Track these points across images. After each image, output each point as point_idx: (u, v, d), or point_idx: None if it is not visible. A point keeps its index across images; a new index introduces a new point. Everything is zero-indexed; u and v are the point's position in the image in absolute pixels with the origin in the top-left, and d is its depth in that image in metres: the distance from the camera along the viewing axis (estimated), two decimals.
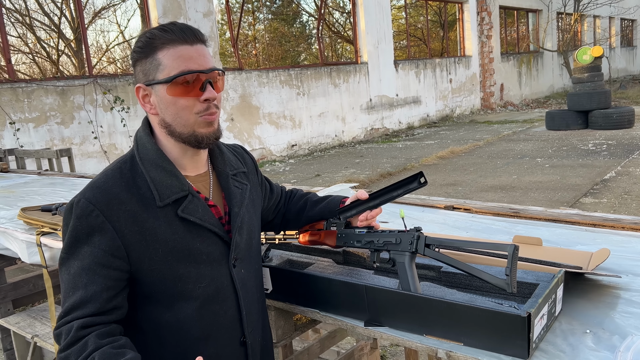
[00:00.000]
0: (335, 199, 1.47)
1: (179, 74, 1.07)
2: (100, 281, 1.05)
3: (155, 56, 1.08)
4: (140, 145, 1.15)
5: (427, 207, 2.26)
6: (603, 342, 1.13)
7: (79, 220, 1.06)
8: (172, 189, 1.12)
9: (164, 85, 1.08)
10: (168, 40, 1.07)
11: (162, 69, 1.08)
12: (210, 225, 1.16)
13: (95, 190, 1.09)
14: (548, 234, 1.81)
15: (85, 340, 1.00)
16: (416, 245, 1.24)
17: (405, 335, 1.23)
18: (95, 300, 1.04)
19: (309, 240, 1.49)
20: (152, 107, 1.13)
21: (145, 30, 1.12)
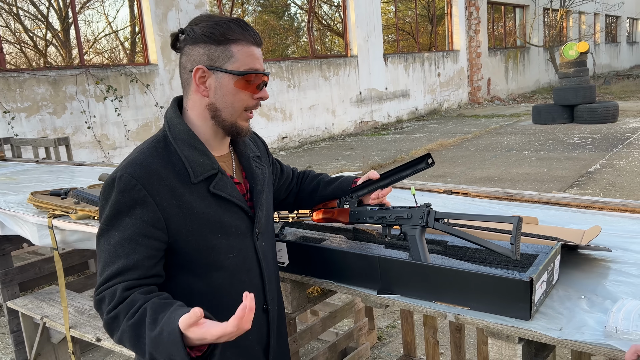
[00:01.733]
0: (347, 179, 1.57)
1: (250, 70, 1.19)
2: (142, 250, 1.13)
3: (229, 47, 1.17)
4: (172, 126, 1.24)
5: (426, 191, 2.36)
6: (597, 306, 1.25)
7: (122, 194, 1.14)
8: (204, 167, 1.21)
9: (232, 76, 1.18)
10: (244, 37, 1.18)
11: (233, 61, 1.17)
12: (238, 201, 1.26)
13: (136, 166, 1.16)
14: (542, 215, 1.93)
15: (132, 297, 1.08)
16: (426, 219, 1.34)
17: (416, 302, 1.34)
18: (137, 268, 1.12)
19: (323, 218, 1.59)
20: (206, 90, 1.20)
21: (219, 19, 1.17)
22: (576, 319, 1.19)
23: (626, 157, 7.58)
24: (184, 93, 1.26)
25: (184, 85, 1.25)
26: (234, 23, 1.18)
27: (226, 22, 1.18)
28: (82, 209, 2.26)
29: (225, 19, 1.19)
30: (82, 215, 2.23)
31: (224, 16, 1.22)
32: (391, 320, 3.46)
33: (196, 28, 1.18)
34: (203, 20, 1.19)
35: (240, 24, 1.18)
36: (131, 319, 1.05)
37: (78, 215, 2.24)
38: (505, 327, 1.19)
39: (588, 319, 1.19)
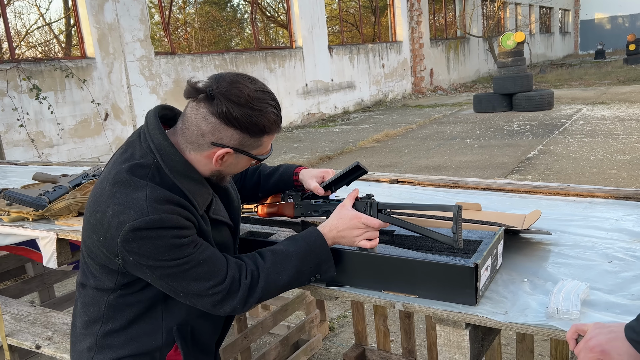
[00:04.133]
0: (288, 170, 1.55)
1: (268, 153, 1.29)
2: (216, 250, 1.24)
3: (262, 139, 1.22)
4: (166, 157, 1.20)
5: (373, 181, 2.37)
6: (538, 288, 1.28)
7: (171, 231, 1.14)
8: (204, 196, 1.24)
9: (251, 158, 1.25)
10: (276, 128, 1.23)
11: (260, 148, 1.24)
12: (228, 220, 1.34)
13: (163, 203, 1.14)
14: (485, 202, 1.97)
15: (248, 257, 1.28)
16: (369, 211, 1.34)
17: (365, 292, 1.33)
18: (229, 258, 1.25)
19: (268, 213, 1.56)
20: (220, 162, 1.22)
21: (258, 104, 1.18)
22: (520, 302, 1.22)
23: (562, 143, 7.91)
24: (185, 141, 1.22)
25: (190, 139, 1.21)
26: (273, 113, 1.20)
27: (266, 112, 1.18)
28: (15, 211, 2.14)
29: (264, 103, 1.18)
30: (15, 217, 2.11)
31: (259, 88, 1.19)
32: (342, 310, 3.48)
33: (234, 109, 1.15)
34: (240, 96, 1.16)
35: (277, 112, 1.21)
36: (266, 259, 1.25)
37: (11, 217, 2.11)
38: (453, 313, 1.21)
39: (531, 301, 1.22)
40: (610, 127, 8.83)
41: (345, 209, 1.34)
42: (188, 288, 1.17)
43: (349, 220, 1.32)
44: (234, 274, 1.21)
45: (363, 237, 1.32)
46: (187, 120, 1.20)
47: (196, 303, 1.20)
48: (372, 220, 1.31)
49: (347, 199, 1.37)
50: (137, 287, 1.22)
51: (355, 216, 1.31)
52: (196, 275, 1.17)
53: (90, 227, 1.18)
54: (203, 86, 1.17)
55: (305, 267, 1.27)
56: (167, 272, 1.15)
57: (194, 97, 1.17)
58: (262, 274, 1.24)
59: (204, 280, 1.18)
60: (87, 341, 1.28)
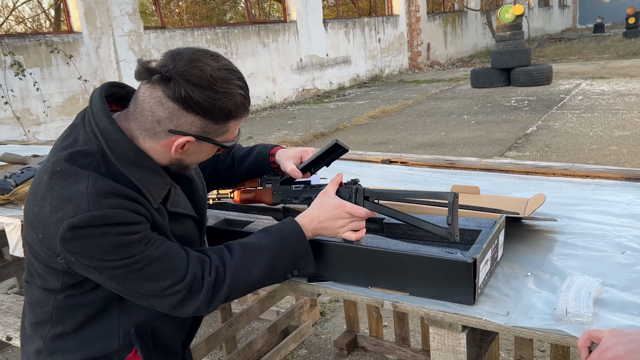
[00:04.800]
0: (263, 152, 1.39)
1: (234, 139, 1.13)
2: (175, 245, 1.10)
3: (227, 124, 1.07)
4: (112, 144, 1.04)
5: (364, 161, 2.22)
6: (544, 284, 1.14)
7: (117, 227, 0.99)
8: (159, 186, 1.09)
9: (216, 146, 1.11)
10: (243, 112, 1.08)
11: (226, 135, 1.10)
12: (191, 212, 1.20)
13: (107, 196, 0.99)
14: (484, 184, 1.83)
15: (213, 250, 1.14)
16: (355, 198, 1.20)
17: (350, 288, 1.20)
18: (190, 253, 1.10)
19: (244, 199, 1.41)
20: (180, 151, 1.08)
21: (223, 84, 1.02)
22: (523, 301, 1.08)
23: (560, 119, 7.75)
24: (139, 128, 1.06)
25: (144, 125, 1.04)
26: (240, 95, 1.05)
27: (232, 95, 1.03)
28: None
29: (229, 83, 1.03)
30: None
31: (223, 67, 1.03)
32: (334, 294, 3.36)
33: (195, 92, 0.99)
34: (201, 76, 1.00)
35: (245, 94, 1.07)
36: (235, 254, 1.12)
37: None
38: (448, 314, 1.07)
39: (536, 300, 1.08)
40: (610, 102, 8.66)
41: (328, 196, 1.20)
42: (142, 289, 1.03)
43: (332, 210, 1.17)
44: (196, 270, 1.07)
45: (348, 228, 1.17)
46: (140, 105, 1.04)
47: (154, 304, 1.07)
48: (358, 209, 1.16)
49: (329, 184, 1.22)
50: (87, 287, 1.08)
51: (339, 205, 1.17)
52: (151, 274, 1.03)
53: (28, 223, 1.04)
54: (157, 65, 1.00)
55: (280, 262, 1.14)
56: (117, 272, 1.01)
57: (146, 78, 1.01)
58: (229, 270, 1.10)
59: (161, 279, 1.04)
60: (36, 344, 1.14)
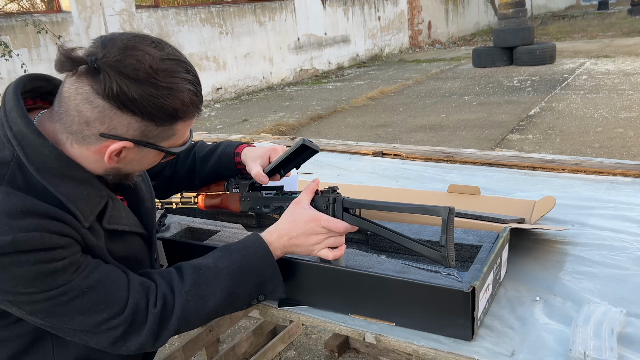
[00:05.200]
0: (227, 151, 1.19)
1: (183, 143, 0.95)
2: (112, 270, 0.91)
3: (174, 126, 0.89)
4: (30, 151, 0.84)
5: (354, 154, 2.03)
6: (556, 312, 0.96)
7: (35, 254, 0.80)
8: (92, 200, 0.90)
9: (159, 152, 0.92)
10: (193, 110, 0.89)
11: (172, 137, 0.91)
12: (137, 228, 1.01)
13: (21, 216, 0.80)
14: (485, 181, 1.64)
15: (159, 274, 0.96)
16: (332, 209, 1.01)
17: (327, 315, 1.02)
18: (132, 279, 0.92)
19: (209, 205, 1.23)
20: (116, 159, 0.89)
21: (165, 78, 0.83)
22: (532, 337, 0.90)
23: (564, 99, 7.52)
24: (65, 130, 0.86)
25: (71, 128, 0.85)
26: (189, 91, 0.86)
27: (178, 91, 0.84)
28: None
29: (175, 77, 0.84)
30: None
31: (167, 56, 0.85)
32: None
33: (131, 88, 0.81)
34: (139, 68, 0.81)
35: (195, 89, 0.88)
36: (186, 279, 0.95)
37: None
38: (440, 352, 0.89)
39: (547, 335, 0.90)
40: (615, 82, 8.41)
41: (301, 207, 1.01)
42: (73, 324, 0.86)
43: (305, 223, 0.99)
44: (138, 300, 0.89)
45: (324, 245, 0.99)
46: (65, 103, 0.84)
47: (88, 341, 0.89)
48: (336, 222, 0.98)
49: (303, 193, 1.04)
50: (10, 320, 0.90)
51: (313, 218, 0.99)
52: (82, 307, 0.85)
53: None
54: (84, 54, 0.81)
55: (241, 288, 0.96)
56: (38, 307, 0.83)
57: (70, 70, 0.82)
58: (179, 298, 0.92)
59: (95, 312, 0.86)
60: None
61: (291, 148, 1.08)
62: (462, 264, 1.08)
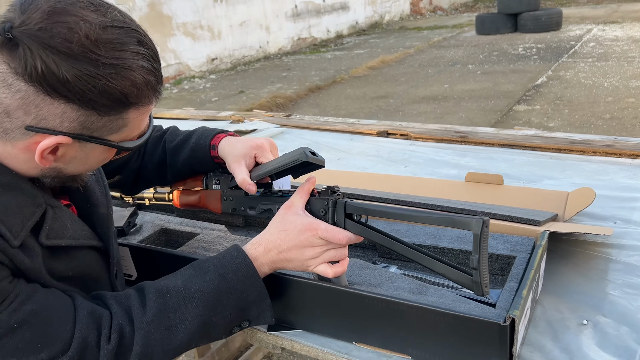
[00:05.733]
0: (201, 143, 0.97)
1: (139, 137, 0.75)
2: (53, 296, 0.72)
3: (124, 115, 0.69)
4: None
5: (356, 133, 1.83)
6: (609, 340, 0.78)
7: None
8: (22, 211, 0.70)
9: (109, 148, 0.72)
10: (146, 99, 0.69)
11: (123, 129, 0.71)
12: (88, 240, 0.80)
13: None
14: (506, 166, 1.45)
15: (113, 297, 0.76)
16: (332, 215, 0.82)
17: (326, 344, 0.83)
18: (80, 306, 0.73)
19: (185, 203, 1.03)
20: (52, 158, 0.69)
21: (110, 63, 0.63)
22: None
23: (572, 68, 7.25)
24: None
25: None
26: (141, 68, 0.66)
27: (127, 70, 0.64)
28: None
29: (122, 50, 0.64)
30: None
31: (110, 22, 0.64)
32: None
33: (61, 66, 0.61)
34: (71, 39, 0.61)
35: (151, 65, 0.68)
36: (149, 305, 0.75)
37: None
38: None
39: None
40: (624, 49, 8.12)
41: (293, 212, 0.82)
42: None
43: (299, 233, 0.80)
44: (87, 334, 0.70)
45: (322, 259, 0.80)
46: None
47: None
48: (337, 232, 0.79)
49: (296, 194, 0.84)
50: None
51: (309, 226, 0.80)
52: (12, 348, 0.67)
53: None
54: None
55: (219, 315, 0.77)
56: None
57: None
58: (140, 331, 0.73)
59: (30, 353, 0.67)
60: None
61: (287, 159, 0.86)
62: (491, 277, 0.90)
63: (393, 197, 1.11)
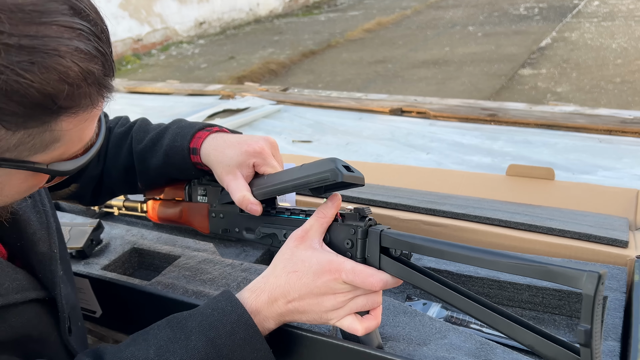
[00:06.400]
0: (178, 145, 0.72)
1: (82, 159, 0.50)
2: None
3: (52, 126, 0.45)
4: None
5: (365, 111, 1.58)
6: None
7: None
8: None
9: (33, 174, 0.49)
10: (87, 100, 0.45)
11: (54, 146, 0.47)
12: (21, 294, 0.58)
13: None
14: (548, 152, 1.21)
15: None
16: (362, 249, 0.59)
17: None
18: None
19: (163, 217, 0.80)
20: None
21: (28, 46, 0.40)
22: None
23: (577, 29, 6.95)
24: None
25: None
26: (79, 53, 0.43)
27: (51, 55, 0.41)
28: None
29: (45, 24, 0.41)
30: None
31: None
32: None
33: None
34: None
35: (98, 48, 0.45)
36: None
37: None
38: None
39: None
40: (631, 8, 7.80)
41: (307, 246, 0.60)
42: None
43: (315, 277, 0.57)
44: None
45: (347, 310, 0.58)
46: None
47: None
48: (368, 275, 0.57)
49: (313, 218, 0.61)
50: None
51: (329, 266, 0.57)
52: None
53: None
54: None
55: None
56: None
57: None
58: None
59: None
60: None
61: (311, 175, 0.60)
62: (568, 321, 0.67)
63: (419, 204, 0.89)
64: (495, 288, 0.71)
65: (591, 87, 4.81)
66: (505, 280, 0.70)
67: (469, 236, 0.81)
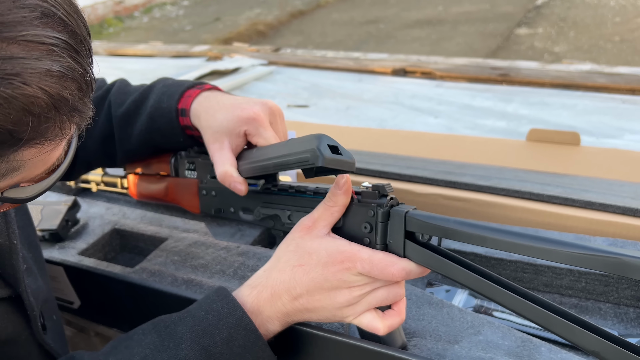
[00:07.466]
0: (164, 104, 0.61)
1: (42, 187, 0.40)
2: None
3: (11, 157, 0.34)
4: None
5: (365, 72, 1.47)
6: None
7: None
8: None
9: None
10: (54, 128, 0.34)
11: (13, 174, 0.36)
12: None
13: None
14: (567, 115, 1.12)
15: None
16: (383, 234, 0.49)
17: None
18: None
19: (146, 194, 0.70)
20: None
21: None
22: None
23: None
24: None
25: None
26: (48, 75, 0.32)
27: (13, 82, 0.30)
28: None
29: (12, 31, 0.30)
30: None
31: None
32: None
33: None
34: None
35: (72, 65, 0.33)
36: None
37: None
38: None
39: None
40: None
41: (315, 235, 0.50)
42: None
43: (324, 269, 0.48)
44: None
45: (366, 304, 0.50)
46: None
47: None
48: (388, 264, 0.48)
49: (322, 206, 0.51)
50: None
51: (340, 257, 0.49)
52: None
53: None
54: None
55: None
56: None
57: None
58: None
59: None
60: None
61: (291, 154, 0.49)
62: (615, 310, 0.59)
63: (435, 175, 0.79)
64: (531, 272, 0.62)
65: (589, 46, 4.69)
66: (542, 264, 0.62)
67: (496, 212, 0.72)
